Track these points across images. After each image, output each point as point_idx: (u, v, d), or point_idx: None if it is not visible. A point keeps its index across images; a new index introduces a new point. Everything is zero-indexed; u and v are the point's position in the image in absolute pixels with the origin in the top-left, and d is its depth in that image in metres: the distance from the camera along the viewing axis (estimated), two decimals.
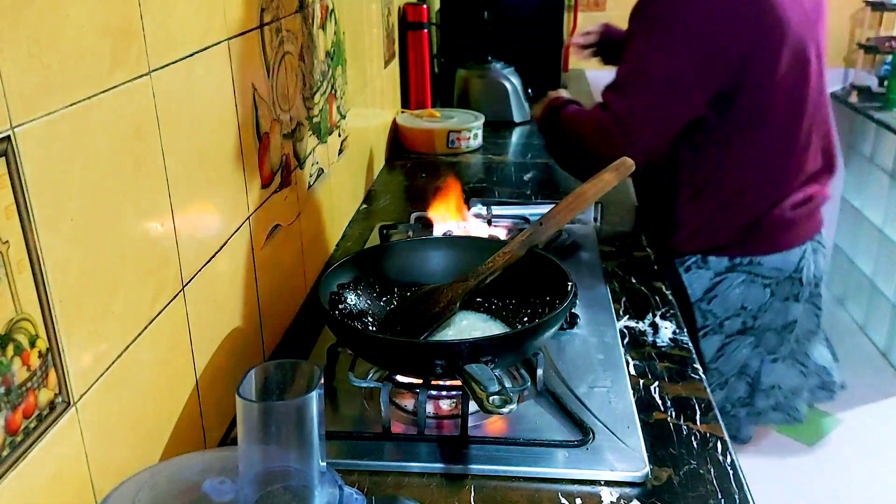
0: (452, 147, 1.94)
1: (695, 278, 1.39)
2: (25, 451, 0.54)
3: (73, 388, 0.59)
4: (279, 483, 0.57)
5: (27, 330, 0.54)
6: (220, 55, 0.85)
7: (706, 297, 1.39)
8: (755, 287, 1.37)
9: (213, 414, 0.86)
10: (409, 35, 2.05)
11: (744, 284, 1.37)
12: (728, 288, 1.37)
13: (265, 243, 1.01)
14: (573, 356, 0.99)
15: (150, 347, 0.71)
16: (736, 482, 0.77)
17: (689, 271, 1.39)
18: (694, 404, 0.90)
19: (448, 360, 0.79)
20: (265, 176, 1.01)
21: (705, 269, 1.38)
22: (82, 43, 0.59)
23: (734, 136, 1.31)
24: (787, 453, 2.44)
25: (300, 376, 0.60)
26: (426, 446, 0.83)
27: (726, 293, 1.38)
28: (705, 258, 1.38)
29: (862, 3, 3.10)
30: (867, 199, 3.16)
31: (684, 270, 1.40)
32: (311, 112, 1.21)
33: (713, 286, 1.38)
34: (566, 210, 0.96)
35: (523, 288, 0.97)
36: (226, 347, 0.89)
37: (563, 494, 0.76)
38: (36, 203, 0.54)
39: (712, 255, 1.37)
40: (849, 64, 3.23)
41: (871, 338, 3.05)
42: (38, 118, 0.54)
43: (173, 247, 0.76)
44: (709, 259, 1.38)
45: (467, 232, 1.22)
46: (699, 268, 1.38)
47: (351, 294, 0.97)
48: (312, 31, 1.20)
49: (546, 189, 1.67)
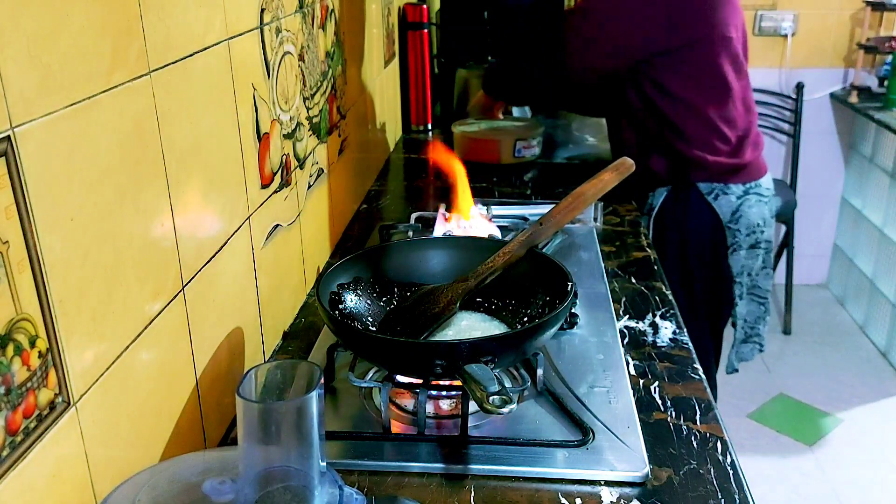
0: (519, 156, 1.82)
1: (723, 203, 1.62)
2: (25, 452, 0.54)
3: (73, 388, 0.59)
4: (279, 483, 0.57)
5: (27, 330, 0.54)
6: (220, 55, 0.85)
7: (733, 218, 1.63)
8: (761, 205, 1.64)
9: (213, 414, 0.86)
10: (409, 35, 2.05)
11: (757, 204, 1.64)
12: (748, 207, 1.63)
13: (265, 243, 1.01)
14: (573, 356, 0.99)
15: (150, 347, 0.71)
16: (736, 482, 0.77)
17: (717, 199, 1.63)
18: (694, 404, 0.90)
19: (448, 360, 0.79)
20: (265, 176, 1.01)
21: (729, 194, 1.62)
22: (82, 43, 0.59)
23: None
24: (787, 453, 2.44)
25: (300, 376, 0.60)
26: (426, 446, 0.83)
27: (748, 212, 1.63)
28: (727, 185, 1.62)
29: (862, 3, 3.10)
30: (867, 199, 3.17)
31: (713, 198, 1.63)
32: (311, 112, 1.21)
33: (737, 207, 1.63)
34: (566, 210, 0.96)
35: (523, 288, 0.97)
36: (226, 347, 0.89)
37: (563, 494, 0.76)
38: (36, 203, 0.54)
39: (730, 183, 1.62)
40: (849, 64, 3.23)
41: (871, 338, 3.05)
42: (38, 118, 0.54)
43: (173, 247, 0.76)
44: (729, 186, 1.62)
45: (468, 231, 1.22)
46: (724, 194, 1.62)
47: (351, 294, 0.97)
48: (312, 31, 1.20)
49: (546, 189, 1.67)
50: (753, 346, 1.79)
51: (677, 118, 1.58)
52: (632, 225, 1.47)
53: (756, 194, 1.63)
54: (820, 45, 3.22)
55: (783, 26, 3.17)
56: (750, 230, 1.64)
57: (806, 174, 3.32)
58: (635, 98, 1.62)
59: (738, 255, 1.66)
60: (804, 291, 3.37)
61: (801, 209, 3.25)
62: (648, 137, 1.64)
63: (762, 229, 1.66)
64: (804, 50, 3.21)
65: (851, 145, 3.30)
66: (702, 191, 1.62)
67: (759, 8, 3.16)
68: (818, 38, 3.21)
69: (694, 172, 1.62)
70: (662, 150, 1.63)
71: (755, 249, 1.66)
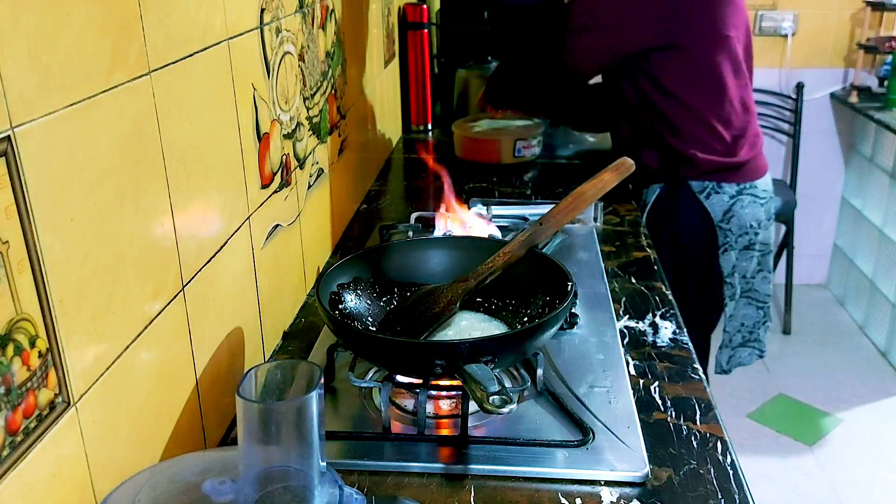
0: (519, 156, 1.81)
1: (715, 202, 1.61)
2: (25, 452, 0.54)
3: (73, 388, 0.59)
4: (279, 483, 0.57)
5: (27, 330, 0.54)
6: (220, 55, 0.85)
7: (725, 218, 1.62)
8: (756, 206, 1.63)
9: (213, 414, 0.86)
10: (409, 35, 2.05)
11: (751, 205, 1.62)
12: (741, 208, 1.61)
13: (265, 243, 1.01)
14: (573, 356, 0.99)
15: (150, 347, 0.71)
16: (736, 482, 0.77)
17: (709, 197, 1.61)
18: (694, 404, 0.90)
19: (448, 360, 0.79)
20: (265, 176, 1.01)
21: (722, 193, 1.61)
22: (82, 43, 0.59)
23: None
24: (787, 453, 2.44)
25: (300, 376, 0.60)
26: (426, 446, 0.83)
27: (740, 212, 1.62)
28: (719, 184, 1.61)
29: (862, 3, 3.10)
30: (867, 199, 3.16)
31: (705, 197, 1.62)
32: (310, 112, 1.21)
33: (730, 207, 1.61)
34: (566, 210, 0.96)
35: (523, 288, 0.97)
36: (226, 347, 0.89)
37: (563, 494, 0.76)
38: (36, 203, 0.54)
39: (724, 182, 1.61)
40: (849, 64, 3.23)
41: (871, 338, 3.05)
42: (38, 118, 0.54)
43: (173, 247, 0.76)
44: (722, 185, 1.61)
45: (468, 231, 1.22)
46: (716, 192, 1.61)
47: (351, 294, 0.97)
48: (312, 31, 1.20)
49: (546, 189, 1.67)
50: (752, 351, 1.78)
51: (670, 113, 1.58)
52: (632, 225, 1.47)
53: (751, 195, 1.62)
54: (820, 45, 3.22)
55: (783, 26, 3.17)
56: (742, 231, 1.63)
57: (806, 174, 3.31)
58: (630, 91, 1.62)
59: (728, 256, 1.65)
60: (804, 291, 3.37)
61: (801, 209, 3.25)
62: (642, 130, 1.64)
63: (756, 231, 1.64)
64: (804, 50, 3.21)
65: (851, 145, 3.30)
66: (694, 189, 1.62)
67: (759, 8, 3.16)
68: (818, 38, 3.21)
69: (685, 169, 1.61)
70: (655, 144, 1.63)
71: (749, 251, 1.65)
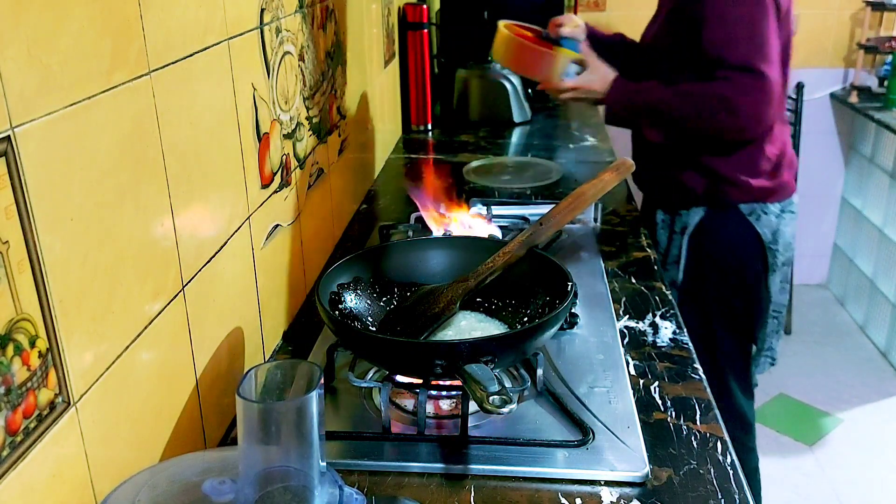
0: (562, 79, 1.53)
1: (764, 223, 1.55)
2: (25, 451, 0.54)
3: (73, 388, 0.59)
4: (279, 483, 0.57)
5: (27, 330, 0.54)
6: (220, 55, 0.85)
7: (774, 238, 1.57)
8: (794, 222, 1.60)
9: (213, 414, 0.86)
10: (409, 35, 2.05)
11: (791, 222, 1.59)
12: (784, 226, 1.57)
13: (265, 243, 1.01)
14: (573, 356, 0.99)
15: (150, 347, 0.71)
16: (736, 482, 0.77)
17: (759, 220, 1.55)
18: (694, 404, 0.90)
19: (448, 360, 0.79)
20: (265, 176, 1.01)
21: (769, 214, 1.56)
22: (82, 43, 0.59)
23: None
24: (787, 453, 2.44)
25: (300, 376, 0.60)
26: (426, 446, 0.83)
27: (784, 231, 1.57)
28: (765, 204, 1.55)
29: (862, 3, 3.10)
30: (867, 199, 3.16)
31: (755, 219, 1.55)
32: (310, 112, 1.21)
33: (777, 227, 1.57)
34: (566, 210, 0.96)
35: (523, 288, 0.97)
36: (226, 347, 0.89)
37: (563, 494, 0.76)
38: (36, 203, 0.54)
39: (768, 202, 1.55)
40: (849, 64, 3.23)
41: (871, 338, 3.05)
42: (38, 118, 0.54)
43: (173, 247, 0.76)
44: (767, 205, 1.55)
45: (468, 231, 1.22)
46: (764, 214, 1.55)
47: (351, 294, 0.97)
48: (312, 31, 1.20)
49: (546, 189, 1.67)
50: (766, 359, 1.76)
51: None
52: (632, 225, 1.47)
53: (790, 212, 1.58)
54: (820, 45, 3.22)
55: None
56: (787, 248, 1.59)
57: (806, 174, 3.31)
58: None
59: (774, 276, 1.60)
60: (804, 291, 3.36)
61: (801, 209, 3.23)
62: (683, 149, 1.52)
63: (793, 246, 1.61)
64: (804, 50, 3.21)
65: (851, 145, 3.30)
66: (743, 211, 1.54)
67: None
68: (818, 38, 3.21)
69: (734, 193, 1.52)
70: (699, 167, 1.52)
71: (786, 267, 1.61)
